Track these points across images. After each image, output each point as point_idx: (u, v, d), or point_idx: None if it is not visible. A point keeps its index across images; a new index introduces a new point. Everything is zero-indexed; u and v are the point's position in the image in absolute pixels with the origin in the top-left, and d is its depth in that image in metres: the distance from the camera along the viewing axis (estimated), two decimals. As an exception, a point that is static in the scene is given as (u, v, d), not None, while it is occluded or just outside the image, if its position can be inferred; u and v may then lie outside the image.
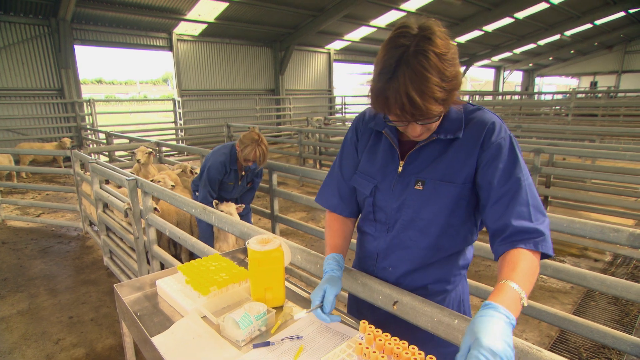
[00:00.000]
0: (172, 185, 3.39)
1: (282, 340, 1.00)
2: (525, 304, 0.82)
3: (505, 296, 0.80)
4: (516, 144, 0.98)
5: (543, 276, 3.44)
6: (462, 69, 20.72)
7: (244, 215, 3.21)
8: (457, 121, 1.00)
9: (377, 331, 0.93)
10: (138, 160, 4.06)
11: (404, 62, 0.83)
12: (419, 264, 1.09)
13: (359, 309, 1.24)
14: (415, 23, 0.87)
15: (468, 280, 1.99)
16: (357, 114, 1.27)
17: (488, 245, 1.93)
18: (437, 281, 1.10)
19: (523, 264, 0.87)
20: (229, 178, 2.94)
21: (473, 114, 1.01)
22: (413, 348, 0.87)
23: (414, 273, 1.10)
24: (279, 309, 1.17)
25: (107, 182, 3.56)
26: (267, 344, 0.99)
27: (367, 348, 0.88)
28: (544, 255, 0.91)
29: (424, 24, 0.86)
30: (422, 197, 1.03)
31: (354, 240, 1.83)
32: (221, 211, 2.14)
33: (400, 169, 1.06)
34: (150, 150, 4.15)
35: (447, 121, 1.01)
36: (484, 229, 1.07)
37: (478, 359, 0.67)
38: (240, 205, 2.94)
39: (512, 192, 0.93)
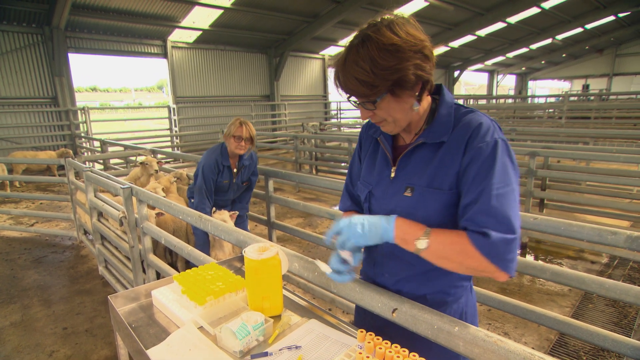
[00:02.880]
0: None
1: (280, 350, 0.99)
2: (419, 246, 0.90)
3: (409, 222, 0.94)
4: (501, 149, 0.92)
5: (541, 279, 3.44)
6: (458, 73, 20.83)
7: (241, 222, 3.19)
8: (446, 124, 0.98)
9: (377, 339, 0.91)
10: (156, 171, 4.07)
11: (350, 47, 0.94)
12: (414, 271, 1.07)
13: (365, 321, 1.20)
14: (378, 17, 0.95)
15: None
16: (353, 120, 1.28)
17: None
18: (436, 292, 1.07)
19: (451, 236, 0.90)
20: (223, 176, 2.93)
21: (464, 116, 0.98)
22: (414, 355, 0.86)
23: (410, 281, 1.08)
24: (277, 318, 1.15)
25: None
26: (265, 354, 0.97)
27: (367, 357, 0.87)
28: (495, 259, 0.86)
29: (375, 20, 0.94)
30: (410, 203, 1.01)
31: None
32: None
33: (392, 175, 1.06)
34: (157, 160, 4.19)
35: (435, 125, 1.00)
36: None
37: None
38: (233, 212, 2.92)
39: (478, 198, 0.89)
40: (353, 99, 0.98)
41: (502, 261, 0.86)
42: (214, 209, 2.91)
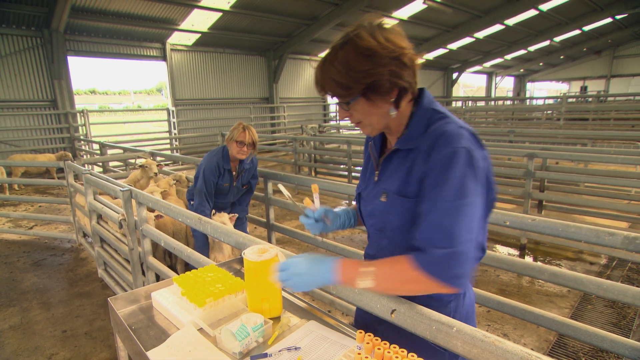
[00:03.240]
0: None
1: (279, 351, 0.99)
2: (360, 286, 0.91)
3: (351, 263, 0.94)
4: (461, 159, 0.88)
5: (540, 280, 3.45)
6: (452, 76, 20.87)
7: (240, 225, 3.19)
8: (418, 132, 0.98)
9: (376, 340, 0.92)
10: (155, 174, 4.06)
11: (331, 49, 0.96)
12: (363, 260, 1.06)
13: (366, 323, 1.20)
14: (364, 21, 0.96)
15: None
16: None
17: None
18: (419, 297, 1.04)
19: (392, 264, 0.91)
20: (224, 179, 2.94)
21: (434, 123, 0.96)
22: (412, 356, 0.86)
23: None
24: (276, 319, 1.15)
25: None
26: (265, 355, 0.97)
27: (366, 358, 0.87)
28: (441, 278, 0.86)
29: (361, 23, 0.95)
30: (384, 208, 1.03)
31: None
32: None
33: (376, 179, 1.09)
34: (157, 163, 4.18)
35: (408, 131, 1.00)
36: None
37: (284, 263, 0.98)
38: (233, 215, 2.92)
39: (430, 211, 0.89)
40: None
41: (446, 278, 0.85)
42: (213, 211, 2.91)
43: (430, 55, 18.04)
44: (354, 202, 1.30)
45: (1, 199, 6.55)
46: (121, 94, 46.88)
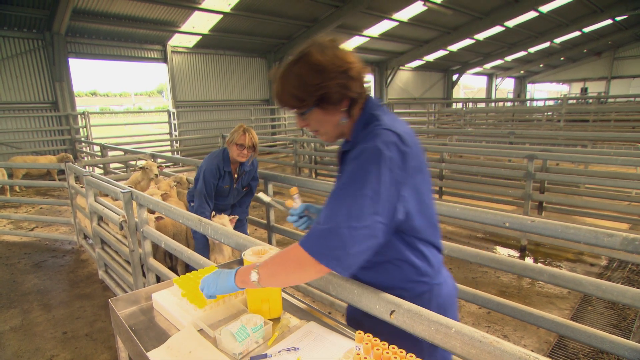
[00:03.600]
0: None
1: (279, 352, 1.00)
2: (252, 279, 1.00)
3: (244, 268, 1.05)
4: (369, 156, 0.94)
5: (540, 282, 3.45)
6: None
7: (240, 226, 3.19)
8: (357, 135, 1.08)
9: (375, 340, 0.92)
10: (156, 175, 4.07)
11: (287, 65, 1.07)
12: (363, 265, 1.06)
13: (357, 319, 1.24)
14: (317, 39, 1.07)
15: (464, 287, 2.00)
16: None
17: (484, 252, 1.94)
18: (392, 286, 1.10)
19: (276, 254, 1.01)
20: (224, 181, 2.94)
21: (368, 127, 1.05)
22: (411, 356, 0.87)
23: (365, 273, 1.14)
24: (276, 320, 1.16)
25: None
26: (265, 356, 0.98)
27: (365, 358, 0.88)
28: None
29: (312, 41, 1.06)
30: (325, 207, 1.07)
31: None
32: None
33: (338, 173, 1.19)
34: (158, 165, 4.19)
35: (352, 135, 1.10)
36: (480, 235, 1.09)
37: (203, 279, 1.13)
38: (233, 216, 2.93)
39: (329, 196, 0.99)
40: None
41: (317, 253, 0.91)
42: (213, 212, 2.92)
43: (431, 57, 18.08)
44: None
45: (2, 201, 6.56)
46: (122, 96, 46.96)
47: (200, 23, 10.67)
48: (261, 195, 1.36)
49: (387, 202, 0.94)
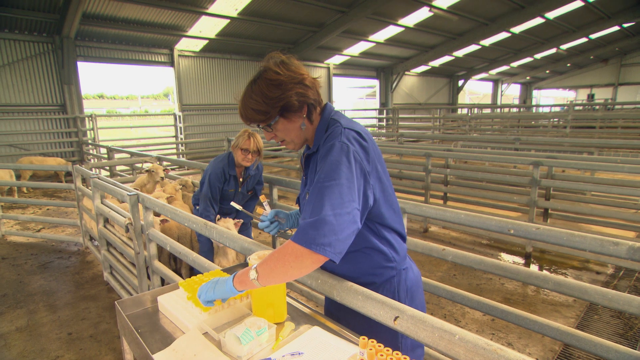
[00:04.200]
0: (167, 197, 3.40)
1: (283, 356, 1.00)
2: (251, 277, 1.04)
3: (243, 271, 1.09)
4: (337, 150, 1.06)
5: (545, 289, 3.42)
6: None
7: (245, 230, 3.21)
8: (319, 138, 1.19)
9: (379, 346, 0.93)
10: (162, 178, 4.10)
11: (247, 85, 1.18)
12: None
13: (331, 311, 1.37)
14: (269, 59, 1.17)
15: (468, 293, 1.99)
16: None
17: (488, 259, 1.93)
18: (364, 273, 1.23)
19: (272, 253, 1.05)
20: (229, 185, 2.96)
21: (329, 129, 1.16)
22: (414, 364, 0.87)
23: (342, 265, 1.23)
24: (280, 324, 1.16)
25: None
26: (269, 360, 0.99)
27: (368, 364, 0.88)
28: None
29: (267, 60, 1.17)
30: (307, 204, 1.14)
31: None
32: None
33: (304, 182, 1.30)
34: (164, 168, 4.22)
35: (315, 138, 1.21)
36: (485, 241, 1.12)
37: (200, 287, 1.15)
38: (238, 220, 2.94)
39: (309, 194, 1.06)
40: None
41: (310, 244, 0.97)
42: (218, 216, 2.93)
43: (436, 63, 18.09)
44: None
45: (10, 202, 6.63)
46: (129, 99, 47.33)
47: (207, 28, 10.77)
48: (232, 203, 1.53)
49: (360, 190, 1.07)
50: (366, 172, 1.10)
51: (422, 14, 12.11)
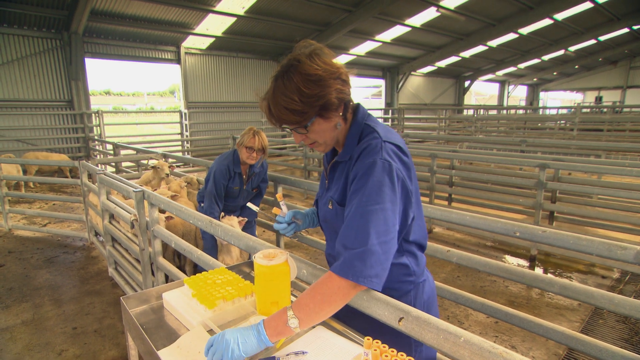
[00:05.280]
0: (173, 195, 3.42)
1: (287, 355, 1.00)
2: (293, 326, 0.92)
3: (274, 315, 0.96)
4: (379, 168, 0.97)
5: (550, 293, 3.40)
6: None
7: (249, 228, 3.21)
8: (352, 145, 1.09)
9: (384, 347, 0.93)
10: (167, 175, 4.12)
11: (275, 80, 1.03)
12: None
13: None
14: (297, 50, 1.05)
15: (473, 295, 1.98)
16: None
17: (493, 261, 1.92)
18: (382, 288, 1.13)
19: (311, 290, 0.96)
20: (234, 182, 2.97)
21: (365, 137, 1.07)
22: (419, 365, 0.87)
23: None
24: (285, 323, 1.16)
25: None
26: (272, 359, 0.99)
27: (372, 365, 0.88)
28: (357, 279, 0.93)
29: (296, 52, 1.04)
30: (332, 215, 1.14)
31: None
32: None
33: (327, 187, 1.20)
34: (170, 165, 4.25)
35: (345, 145, 1.11)
36: (489, 243, 1.11)
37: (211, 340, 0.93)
38: (242, 218, 2.95)
39: (348, 216, 0.98)
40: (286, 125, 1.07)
41: (356, 277, 0.91)
42: (222, 214, 2.94)
43: (443, 63, 18.01)
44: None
45: (17, 196, 6.69)
46: (135, 96, 47.62)
47: (214, 25, 10.80)
48: (250, 205, 1.40)
49: (401, 210, 1.00)
50: (409, 190, 1.03)
51: (429, 14, 12.06)
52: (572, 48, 17.93)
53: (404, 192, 1.02)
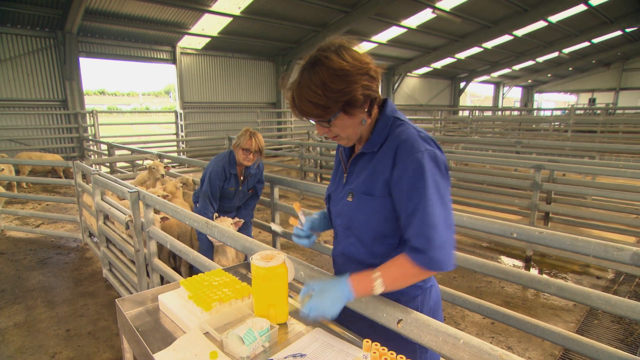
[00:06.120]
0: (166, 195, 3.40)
1: (285, 357, 0.99)
2: (377, 292, 1.02)
3: (361, 277, 1.03)
4: (428, 161, 1.00)
5: (545, 294, 3.41)
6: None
7: (245, 229, 3.20)
8: (381, 136, 1.09)
9: (383, 349, 0.92)
10: (162, 175, 4.09)
11: (302, 72, 1.02)
12: (365, 269, 1.10)
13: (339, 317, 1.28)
14: (326, 42, 1.02)
15: (469, 296, 1.98)
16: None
17: (489, 262, 1.92)
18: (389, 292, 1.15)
19: (396, 266, 1.03)
20: (230, 183, 2.95)
21: (396, 129, 1.07)
22: (418, 368, 0.86)
23: None
24: (282, 325, 1.16)
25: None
26: (270, 361, 0.98)
27: (371, 367, 0.87)
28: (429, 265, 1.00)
29: (325, 45, 1.02)
30: (351, 208, 1.13)
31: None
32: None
33: (344, 181, 1.19)
34: (165, 165, 4.21)
35: (373, 136, 1.10)
36: (485, 244, 1.12)
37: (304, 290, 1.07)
38: (238, 220, 2.93)
39: (415, 211, 0.99)
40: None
41: (441, 265, 0.99)
42: (216, 214, 2.92)
43: (438, 64, 18.08)
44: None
45: (9, 197, 6.62)
46: (130, 95, 47.32)
47: (209, 25, 10.76)
48: (273, 226, 1.37)
49: (450, 199, 1.06)
50: (448, 176, 1.08)
51: (425, 15, 12.11)
52: (566, 50, 18.08)
53: (449, 179, 1.07)
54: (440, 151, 1.05)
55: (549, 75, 23.97)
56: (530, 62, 19.74)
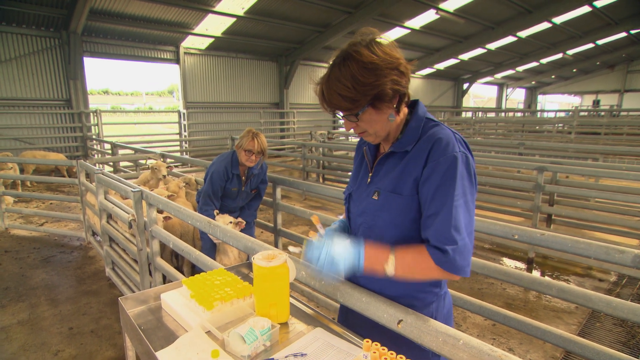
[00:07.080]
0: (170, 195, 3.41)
1: (286, 357, 1.00)
2: (388, 270, 1.02)
3: (376, 249, 1.04)
4: (461, 164, 1.00)
5: (547, 296, 3.41)
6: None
7: (248, 229, 3.21)
8: (413, 136, 1.08)
9: (383, 349, 0.92)
10: (164, 176, 4.11)
11: (332, 66, 1.03)
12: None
13: (347, 319, 1.30)
14: (358, 37, 1.02)
15: (470, 298, 1.98)
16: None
17: (490, 263, 1.92)
18: (403, 295, 1.13)
19: (412, 253, 1.03)
20: (232, 184, 2.96)
21: (430, 130, 1.07)
22: (418, 368, 0.87)
23: (380, 281, 1.13)
24: (283, 325, 1.16)
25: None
26: (271, 360, 0.98)
27: (372, 367, 0.88)
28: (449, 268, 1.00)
29: (356, 39, 1.02)
30: (376, 206, 1.12)
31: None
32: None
33: (369, 180, 1.18)
34: (167, 165, 4.23)
35: (404, 135, 1.10)
36: (487, 245, 1.12)
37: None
38: (241, 220, 2.94)
39: (440, 211, 0.99)
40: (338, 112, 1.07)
41: (457, 271, 0.99)
42: (216, 211, 2.92)
43: (441, 65, 18.06)
44: (341, 216, 1.40)
45: (14, 195, 6.66)
46: (133, 95, 47.51)
47: (213, 26, 10.80)
48: (291, 248, 1.27)
49: (474, 203, 1.06)
50: (476, 181, 1.07)
51: (428, 16, 12.10)
52: (570, 51, 18.03)
53: (476, 181, 1.06)
54: (472, 156, 1.05)
55: (553, 76, 23.89)
56: (534, 64, 19.69)
